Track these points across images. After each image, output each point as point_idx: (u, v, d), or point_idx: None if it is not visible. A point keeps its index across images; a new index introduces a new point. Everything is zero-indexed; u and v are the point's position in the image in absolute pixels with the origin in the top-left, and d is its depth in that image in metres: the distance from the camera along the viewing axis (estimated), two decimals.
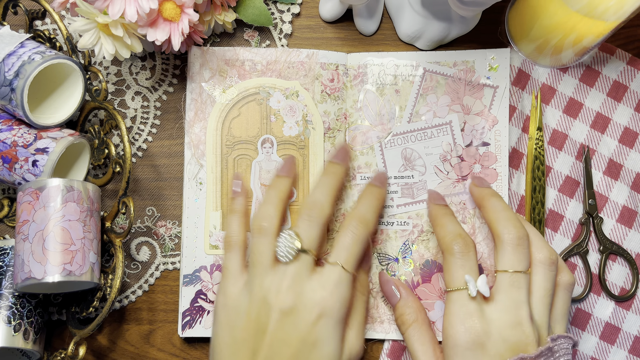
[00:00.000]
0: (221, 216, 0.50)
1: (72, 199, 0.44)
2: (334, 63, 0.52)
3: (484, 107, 0.51)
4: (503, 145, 0.50)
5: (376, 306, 0.50)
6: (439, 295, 0.49)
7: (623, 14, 0.43)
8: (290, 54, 0.51)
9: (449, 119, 0.51)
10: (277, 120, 0.51)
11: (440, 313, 0.49)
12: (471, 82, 0.51)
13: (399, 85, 0.52)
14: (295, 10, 0.56)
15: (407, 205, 0.51)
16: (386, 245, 0.51)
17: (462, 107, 0.51)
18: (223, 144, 0.50)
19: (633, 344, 0.52)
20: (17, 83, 0.44)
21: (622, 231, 0.53)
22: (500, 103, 0.51)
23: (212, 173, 0.50)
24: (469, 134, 0.51)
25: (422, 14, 0.52)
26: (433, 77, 0.52)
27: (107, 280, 0.47)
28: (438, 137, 0.51)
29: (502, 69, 0.51)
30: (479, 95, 0.51)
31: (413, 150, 0.51)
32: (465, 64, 0.51)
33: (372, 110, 0.52)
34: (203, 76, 0.51)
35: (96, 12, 0.42)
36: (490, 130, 0.50)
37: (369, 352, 0.52)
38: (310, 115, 0.51)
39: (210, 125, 0.50)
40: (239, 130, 0.51)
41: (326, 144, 0.51)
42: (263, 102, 0.51)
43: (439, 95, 0.51)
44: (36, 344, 0.47)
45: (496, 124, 0.50)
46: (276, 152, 0.51)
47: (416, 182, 0.51)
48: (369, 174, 0.51)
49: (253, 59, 0.51)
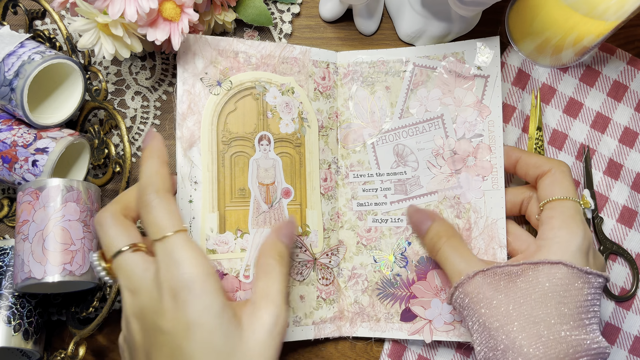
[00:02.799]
0: (218, 218, 0.47)
1: (72, 199, 0.44)
2: (324, 61, 0.52)
3: (475, 98, 0.49)
4: (497, 136, 0.48)
5: (372, 304, 0.50)
6: (435, 293, 0.49)
7: (623, 13, 0.43)
8: (285, 49, 0.50)
9: (440, 112, 0.50)
10: (273, 117, 0.50)
11: (438, 311, 0.48)
12: (462, 74, 0.50)
13: (389, 81, 0.52)
14: (295, 10, 0.56)
15: (401, 202, 0.50)
16: (380, 243, 0.51)
17: (454, 100, 0.50)
18: (219, 140, 0.48)
19: (633, 344, 0.52)
20: (17, 83, 0.44)
21: (622, 231, 0.53)
22: (492, 93, 0.49)
23: (209, 171, 0.47)
24: (461, 126, 0.49)
25: (422, 13, 0.52)
26: (423, 71, 0.51)
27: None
28: (430, 132, 0.50)
29: (493, 57, 0.49)
30: (470, 87, 0.50)
31: (405, 146, 0.51)
32: (455, 56, 0.50)
33: (363, 108, 0.52)
34: (196, 66, 0.47)
35: (96, 11, 0.42)
36: (484, 122, 0.49)
37: (369, 352, 0.52)
38: (305, 112, 0.51)
39: (205, 119, 0.47)
40: (236, 125, 0.48)
41: (320, 142, 0.51)
42: (259, 97, 0.49)
43: (430, 89, 0.50)
44: (36, 344, 0.47)
45: (489, 114, 0.49)
46: (273, 150, 0.49)
47: (409, 178, 0.50)
48: (362, 171, 0.51)
49: (247, 52, 0.49)
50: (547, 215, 0.44)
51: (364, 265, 0.51)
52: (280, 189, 0.49)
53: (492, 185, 0.48)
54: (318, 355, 0.52)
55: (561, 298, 0.39)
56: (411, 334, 0.48)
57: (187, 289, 0.35)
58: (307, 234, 0.50)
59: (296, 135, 0.50)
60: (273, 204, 0.49)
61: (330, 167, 0.52)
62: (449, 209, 0.49)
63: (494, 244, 0.47)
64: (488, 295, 0.41)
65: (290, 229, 0.44)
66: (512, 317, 0.39)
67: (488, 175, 0.48)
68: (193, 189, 0.46)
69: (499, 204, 0.47)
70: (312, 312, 0.49)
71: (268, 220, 0.48)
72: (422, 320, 0.48)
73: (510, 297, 0.40)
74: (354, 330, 0.50)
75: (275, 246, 0.42)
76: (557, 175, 0.45)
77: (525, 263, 0.41)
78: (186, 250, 0.36)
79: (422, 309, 0.49)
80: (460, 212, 0.49)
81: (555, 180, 0.45)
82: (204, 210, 0.46)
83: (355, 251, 0.51)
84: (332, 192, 0.51)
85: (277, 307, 0.38)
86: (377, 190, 0.51)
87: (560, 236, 0.42)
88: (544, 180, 0.45)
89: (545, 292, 0.40)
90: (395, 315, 0.49)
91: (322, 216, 0.50)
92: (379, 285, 0.50)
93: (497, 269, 0.41)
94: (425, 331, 0.48)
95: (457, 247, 0.44)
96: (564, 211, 0.43)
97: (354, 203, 0.51)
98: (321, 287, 0.50)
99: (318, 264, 0.50)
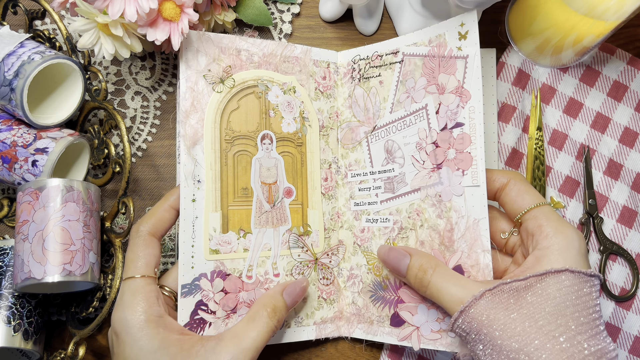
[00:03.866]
0: (221, 217, 0.47)
1: (71, 199, 0.44)
2: (325, 61, 0.52)
3: (457, 82, 0.46)
4: (477, 123, 0.45)
5: (366, 306, 0.50)
6: (421, 299, 0.46)
7: (623, 13, 0.43)
8: (286, 48, 0.50)
9: (425, 102, 0.48)
10: (275, 116, 0.50)
11: (425, 318, 0.46)
12: (445, 57, 0.47)
13: (382, 75, 0.51)
14: (295, 10, 0.56)
15: (389, 201, 0.50)
16: (371, 244, 0.50)
17: (438, 87, 0.47)
18: (222, 139, 0.47)
19: (633, 344, 0.52)
20: (16, 83, 0.44)
21: (622, 231, 0.53)
22: (472, 75, 0.46)
23: (212, 170, 0.46)
24: (444, 115, 0.47)
25: (422, 13, 0.52)
26: (411, 60, 0.50)
27: (107, 280, 0.47)
28: (415, 125, 0.48)
29: (472, 34, 0.46)
30: (452, 70, 0.47)
31: (394, 142, 0.50)
32: (438, 39, 0.48)
33: (359, 106, 0.52)
34: (199, 62, 0.47)
35: (96, 12, 0.42)
36: (465, 109, 0.46)
37: (369, 352, 0.52)
38: (306, 112, 0.51)
39: (208, 117, 0.47)
40: (239, 124, 0.48)
41: (321, 142, 0.51)
42: (262, 95, 0.49)
43: (417, 78, 0.49)
44: (36, 344, 0.47)
45: (469, 99, 0.46)
46: (275, 149, 0.49)
47: (396, 176, 0.49)
48: (358, 170, 0.51)
49: (249, 50, 0.49)
50: (534, 225, 0.42)
51: (359, 266, 0.50)
52: (282, 189, 0.49)
53: (472, 180, 0.45)
54: (318, 356, 0.52)
55: (575, 307, 0.38)
56: (400, 340, 0.47)
57: (125, 332, 0.41)
58: (308, 233, 0.50)
59: (297, 134, 0.50)
60: (275, 204, 0.49)
61: (331, 166, 0.52)
62: (430, 208, 0.47)
63: (476, 248, 0.44)
64: (500, 316, 0.38)
65: (298, 288, 0.46)
66: (531, 336, 0.37)
67: (468, 169, 0.46)
68: (196, 187, 0.46)
69: (480, 202, 0.44)
70: (313, 312, 0.49)
71: (270, 220, 0.48)
72: (410, 327, 0.47)
73: (524, 315, 0.38)
74: (352, 330, 0.50)
75: (273, 299, 0.44)
76: (519, 185, 0.44)
77: (533, 276, 0.39)
78: (135, 297, 0.42)
79: (409, 315, 0.47)
80: (441, 212, 0.46)
81: (520, 190, 0.44)
82: (207, 210, 0.46)
83: (352, 251, 0.51)
84: (332, 191, 0.51)
85: (241, 351, 0.40)
86: (370, 189, 0.51)
87: (558, 242, 0.41)
88: (509, 193, 0.44)
89: (558, 303, 0.38)
90: (386, 320, 0.48)
91: (323, 216, 0.50)
92: (371, 287, 0.49)
93: (504, 285, 0.39)
94: (414, 338, 0.46)
95: (447, 276, 0.42)
96: (550, 217, 0.42)
97: (351, 203, 0.51)
98: (322, 287, 0.50)
99: (319, 264, 0.50)
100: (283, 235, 0.48)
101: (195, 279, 0.45)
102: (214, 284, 0.46)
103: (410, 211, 0.48)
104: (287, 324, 0.48)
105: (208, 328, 0.45)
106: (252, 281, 0.47)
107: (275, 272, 0.48)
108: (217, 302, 0.45)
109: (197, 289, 0.45)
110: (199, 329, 0.45)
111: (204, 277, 0.45)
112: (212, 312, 0.45)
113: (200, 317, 0.45)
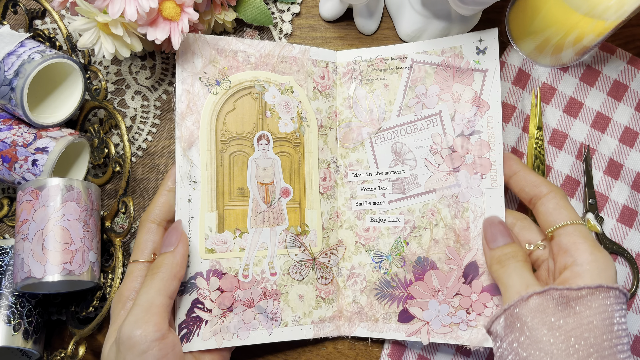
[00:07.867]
0: (217, 217, 0.47)
1: (71, 199, 0.44)
2: (324, 60, 0.52)
3: (474, 93, 0.48)
4: (496, 132, 0.47)
5: (370, 304, 0.50)
6: (433, 294, 0.48)
7: (623, 13, 0.43)
8: (284, 49, 0.50)
9: (438, 109, 0.49)
10: (272, 116, 0.50)
11: (435, 312, 0.48)
12: (460, 68, 0.49)
13: (387, 79, 0.51)
14: (295, 10, 0.56)
15: (399, 201, 0.50)
16: (379, 242, 0.50)
17: (452, 96, 0.49)
18: (218, 140, 0.48)
19: (633, 344, 0.52)
20: (16, 82, 0.44)
21: (622, 231, 0.53)
22: (491, 87, 0.48)
23: (207, 171, 0.47)
24: (460, 123, 0.48)
25: (423, 13, 0.52)
26: (421, 67, 0.50)
27: (107, 280, 0.47)
28: (428, 129, 0.50)
29: (491, 50, 0.48)
30: (469, 81, 0.49)
31: (403, 145, 0.50)
32: (453, 50, 0.49)
33: (361, 106, 0.52)
34: (194, 65, 0.47)
35: (96, 11, 0.42)
36: (482, 118, 0.48)
37: (369, 352, 0.52)
38: (304, 112, 0.51)
39: (204, 118, 0.47)
40: (235, 125, 0.48)
41: (320, 141, 0.51)
42: (258, 96, 0.49)
43: (428, 85, 0.50)
44: (36, 343, 0.47)
45: (488, 110, 0.47)
46: (272, 149, 0.49)
47: (407, 177, 0.50)
48: (360, 170, 0.51)
49: (246, 51, 0.49)
50: (569, 241, 0.42)
51: (363, 265, 0.51)
52: (279, 189, 0.49)
53: (491, 183, 0.47)
54: (318, 355, 0.52)
55: (619, 325, 0.39)
56: (408, 335, 0.48)
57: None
58: (306, 233, 0.50)
59: (295, 134, 0.50)
60: (272, 204, 0.49)
61: (330, 166, 0.52)
62: (446, 209, 0.48)
63: None
64: (546, 321, 0.38)
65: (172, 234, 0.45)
66: (575, 348, 0.37)
67: (487, 173, 0.47)
68: (192, 188, 0.47)
69: (498, 202, 0.47)
70: (311, 312, 0.49)
71: (267, 220, 0.48)
72: (419, 322, 0.48)
73: (570, 325, 0.38)
74: (353, 329, 0.50)
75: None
76: (559, 200, 0.44)
77: (587, 287, 0.39)
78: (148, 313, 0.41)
79: (419, 310, 0.48)
80: (458, 212, 0.48)
81: (559, 205, 0.44)
82: (202, 210, 0.47)
83: (354, 251, 0.51)
84: (331, 191, 0.51)
85: None
86: (375, 189, 0.51)
87: (598, 260, 0.40)
88: (546, 205, 0.44)
89: (604, 319, 0.38)
90: (393, 316, 0.49)
91: (321, 215, 0.50)
92: (377, 285, 0.50)
93: (554, 291, 0.39)
94: (423, 333, 0.48)
95: (524, 270, 0.42)
96: (587, 236, 0.42)
97: (352, 202, 0.51)
98: (320, 286, 0.50)
99: (317, 263, 0.50)
100: (280, 234, 0.48)
101: (191, 277, 0.46)
102: (210, 283, 0.46)
103: (424, 211, 0.49)
104: (284, 323, 0.48)
105: (204, 326, 0.45)
106: (248, 280, 0.47)
107: (272, 271, 0.48)
108: (214, 301, 0.46)
109: (194, 287, 0.45)
110: (195, 327, 0.45)
111: (200, 276, 0.46)
112: (209, 311, 0.46)
113: (197, 315, 0.45)
